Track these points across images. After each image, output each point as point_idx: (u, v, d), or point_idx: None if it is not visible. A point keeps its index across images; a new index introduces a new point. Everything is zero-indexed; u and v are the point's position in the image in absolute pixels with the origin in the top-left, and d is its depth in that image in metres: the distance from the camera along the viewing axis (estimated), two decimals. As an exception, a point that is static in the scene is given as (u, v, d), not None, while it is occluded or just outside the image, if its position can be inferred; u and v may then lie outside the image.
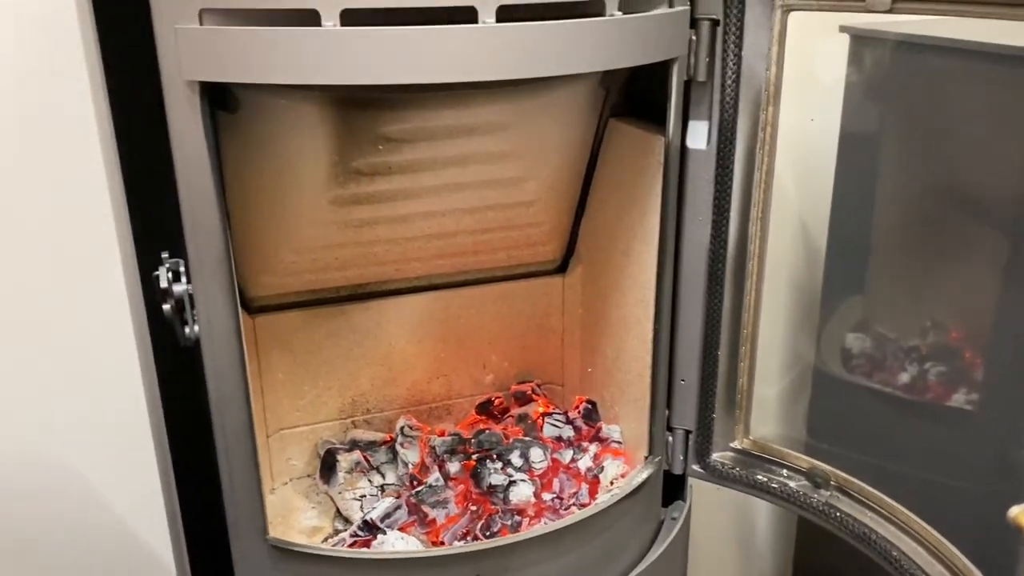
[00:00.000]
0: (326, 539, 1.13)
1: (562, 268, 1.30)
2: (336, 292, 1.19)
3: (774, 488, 1.11)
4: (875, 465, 1.11)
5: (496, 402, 1.30)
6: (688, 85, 0.99)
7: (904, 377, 1.27)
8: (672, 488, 1.21)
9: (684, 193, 1.05)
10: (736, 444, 1.15)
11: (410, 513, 1.07)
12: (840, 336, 1.37)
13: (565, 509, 1.08)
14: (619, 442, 1.20)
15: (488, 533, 1.02)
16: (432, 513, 1.07)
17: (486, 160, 1.04)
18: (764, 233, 1.07)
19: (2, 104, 0.97)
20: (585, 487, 1.12)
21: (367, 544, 1.03)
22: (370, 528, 1.04)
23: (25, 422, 1.10)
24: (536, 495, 1.09)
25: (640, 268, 1.09)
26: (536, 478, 1.12)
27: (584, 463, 1.15)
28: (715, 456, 1.16)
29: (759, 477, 1.13)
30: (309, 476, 1.25)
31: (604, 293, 1.21)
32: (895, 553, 0.98)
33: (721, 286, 1.07)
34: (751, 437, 1.15)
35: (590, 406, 1.23)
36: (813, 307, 1.42)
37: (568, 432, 1.22)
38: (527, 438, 1.18)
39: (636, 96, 1.11)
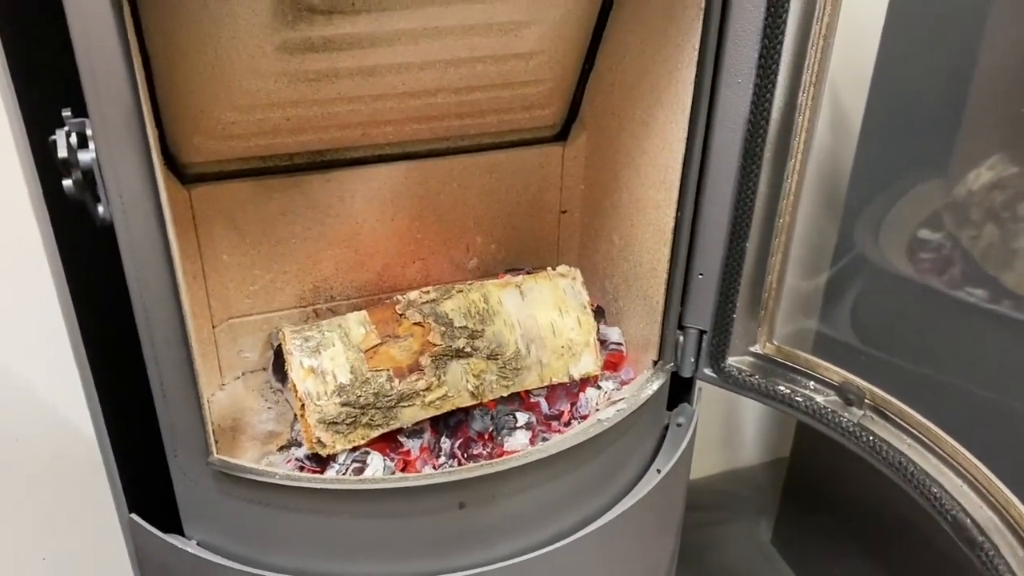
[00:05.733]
0: (282, 448, 0.98)
1: (562, 135, 1.10)
2: (290, 160, 0.98)
3: (797, 402, 0.97)
4: (921, 386, 0.95)
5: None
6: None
7: (969, 282, 1.07)
8: (677, 388, 1.06)
9: (723, 48, 0.84)
10: (757, 348, 1.01)
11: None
12: (891, 231, 1.17)
13: (565, 425, 0.93)
14: (619, 344, 1.04)
15: (468, 454, 0.88)
16: (407, 444, 0.91)
17: (475, -3, 0.82)
18: (816, 104, 0.87)
19: None
20: (587, 398, 0.97)
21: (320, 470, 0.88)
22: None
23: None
24: (532, 432, 0.93)
25: (663, 143, 0.90)
26: (529, 411, 0.96)
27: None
28: (731, 360, 1.01)
29: (781, 388, 0.98)
30: (265, 369, 1.09)
31: (614, 169, 1.01)
32: (935, 490, 0.85)
33: (758, 165, 0.88)
34: (775, 342, 1.00)
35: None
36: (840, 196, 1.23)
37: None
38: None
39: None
